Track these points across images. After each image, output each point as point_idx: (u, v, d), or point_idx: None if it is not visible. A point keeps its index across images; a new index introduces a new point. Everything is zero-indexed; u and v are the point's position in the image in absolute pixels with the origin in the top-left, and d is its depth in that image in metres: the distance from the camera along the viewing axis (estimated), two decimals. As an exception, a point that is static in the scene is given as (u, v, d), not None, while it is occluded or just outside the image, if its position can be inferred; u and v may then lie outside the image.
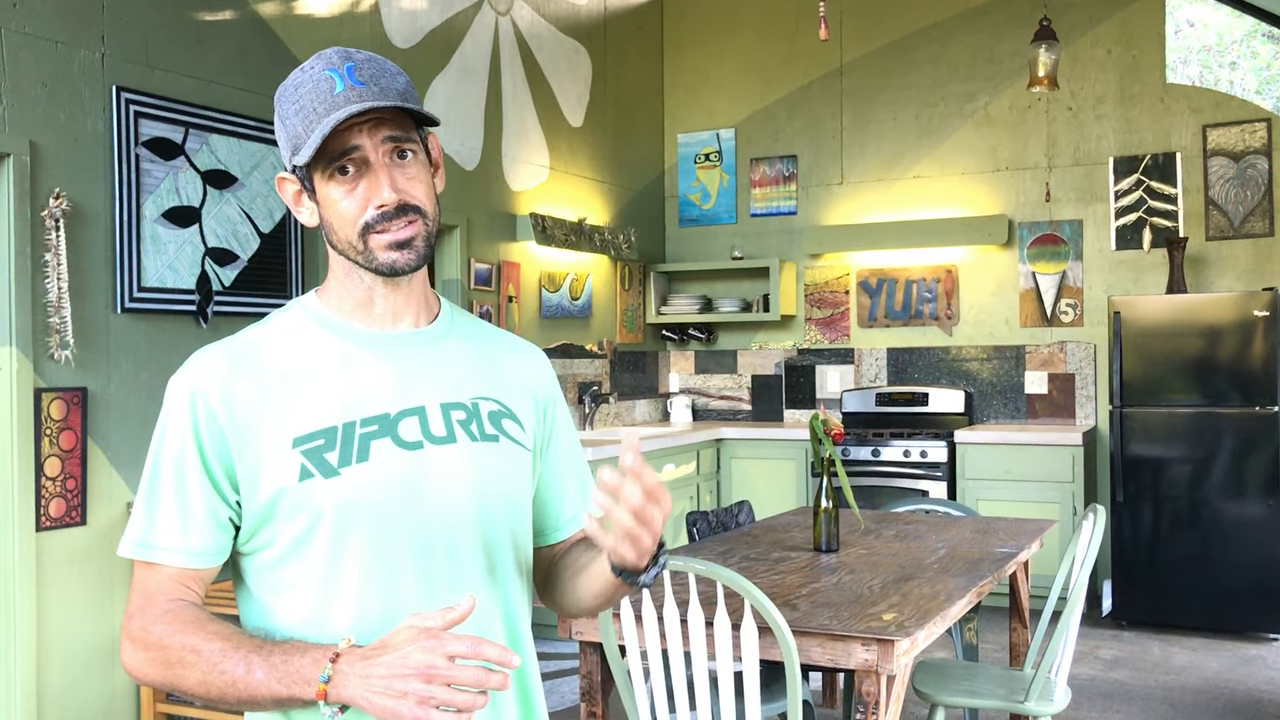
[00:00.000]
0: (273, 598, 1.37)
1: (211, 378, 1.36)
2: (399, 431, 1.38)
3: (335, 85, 1.35)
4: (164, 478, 1.36)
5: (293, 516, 1.33)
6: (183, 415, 1.36)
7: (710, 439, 6.84)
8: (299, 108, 1.36)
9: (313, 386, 1.38)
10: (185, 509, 1.34)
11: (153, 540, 1.35)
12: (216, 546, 1.36)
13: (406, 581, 1.36)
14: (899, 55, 7.06)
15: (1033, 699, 3.19)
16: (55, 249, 3.73)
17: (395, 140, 1.37)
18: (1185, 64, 6.38)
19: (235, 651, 1.25)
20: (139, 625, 1.32)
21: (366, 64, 1.39)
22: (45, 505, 3.72)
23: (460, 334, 1.52)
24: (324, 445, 1.34)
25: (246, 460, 1.34)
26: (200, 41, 4.30)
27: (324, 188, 1.38)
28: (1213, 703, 4.64)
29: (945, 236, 6.79)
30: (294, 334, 1.43)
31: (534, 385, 1.56)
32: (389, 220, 1.36)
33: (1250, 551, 5.59)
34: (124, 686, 3.98)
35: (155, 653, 1.30)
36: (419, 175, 1.40)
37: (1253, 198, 6.20)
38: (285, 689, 1.23)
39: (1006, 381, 6.78)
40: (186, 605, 1.33)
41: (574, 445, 1.62)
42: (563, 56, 6.63)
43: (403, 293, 1.45)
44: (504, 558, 1.45)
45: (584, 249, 6.56)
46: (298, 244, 4.66)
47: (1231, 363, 5.66)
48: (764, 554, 3.52)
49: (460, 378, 1.47)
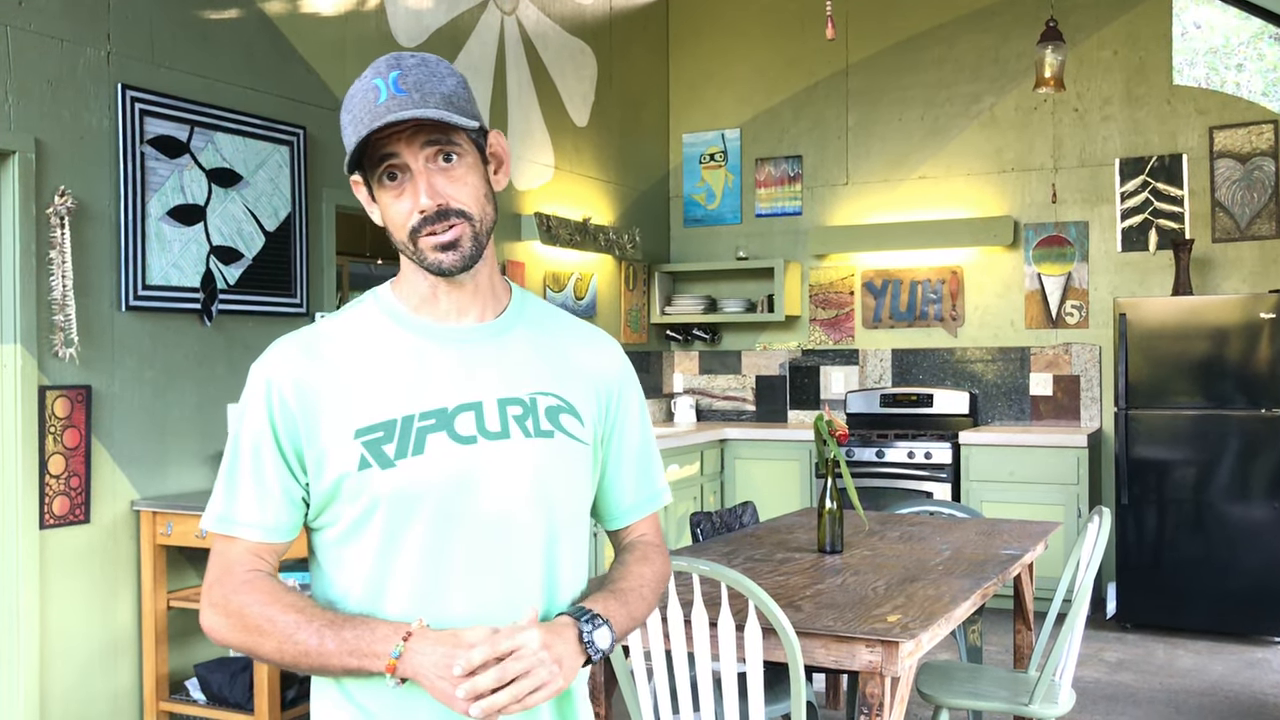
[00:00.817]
0: (336, 572, 1.45)
1: (286, 368, 1.45)
2: (455, 426, 1.44)
3: (379, 95, 1.40)
4: (242, 459, 1.45)
5: (353, 501, 1.42)
6: (259, 402, 1.44)
7: (714, 439, 6.83)
8: (351, 117, 1.44)
9: (376, 379, 1.45)
10: (262, 488, 1.43)
11: (233, 516, 1.44)
12: (290, 522, 1.45)
13: (456, 572, 1.42)
14: (905, 56, 7.05)
15: (1037, 701, 3.18)
16: (60, 246, 3.73)
17: (436, 144, 1.42)
18: (1192, 66, 6.36)
19: (309, 624, 1.36)
20: (220, 594, 1.42)
21: (413, 70, 1.42)
22: (49, 503, 3.72)
23: (527, 325, 1.55)
24: (383, 437, 1.41)
25: (314, 446, 1.42)
26: (206, 39, 4.30)
27: (378, 193, 1.46)
28: (1217, 705, 4.63)
29: (950, 237, 6.78)
30: (364, 326, 1.50)
31: (600, 376, 1.58)
32: (431, 224, 1.42)
33: (1256, 554, 5.57)
34: (127, 684, 3.98)
35: (235, 619, 1.40)
36: (464, 177, 1.44)
37: (1259, 200, 6.18)
38: (355, 661, 1.34)
39: (1011, 383, 6.77)
40: (264, 576, 1.43)
41: (640, 435, 1.64)
42: (568, 56, 6.62)
43: (466, 289, 1.50)
44: (555, 553, 1.50)
45: (588, 249, 6.55)
46: (303, 242, 4.66)
47: (1237, 365, 5.64)
48: (768, 555, 3.52)
49: (520, 372, 1.50)
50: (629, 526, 1.65)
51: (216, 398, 4.31)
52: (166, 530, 3.93)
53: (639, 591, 1.55)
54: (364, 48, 5.06)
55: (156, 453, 4.09)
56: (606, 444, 1.59)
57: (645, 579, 1.58)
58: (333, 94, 4.88)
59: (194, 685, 4.02)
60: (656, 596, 1.60)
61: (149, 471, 4.06)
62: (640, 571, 1.58)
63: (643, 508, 1.65)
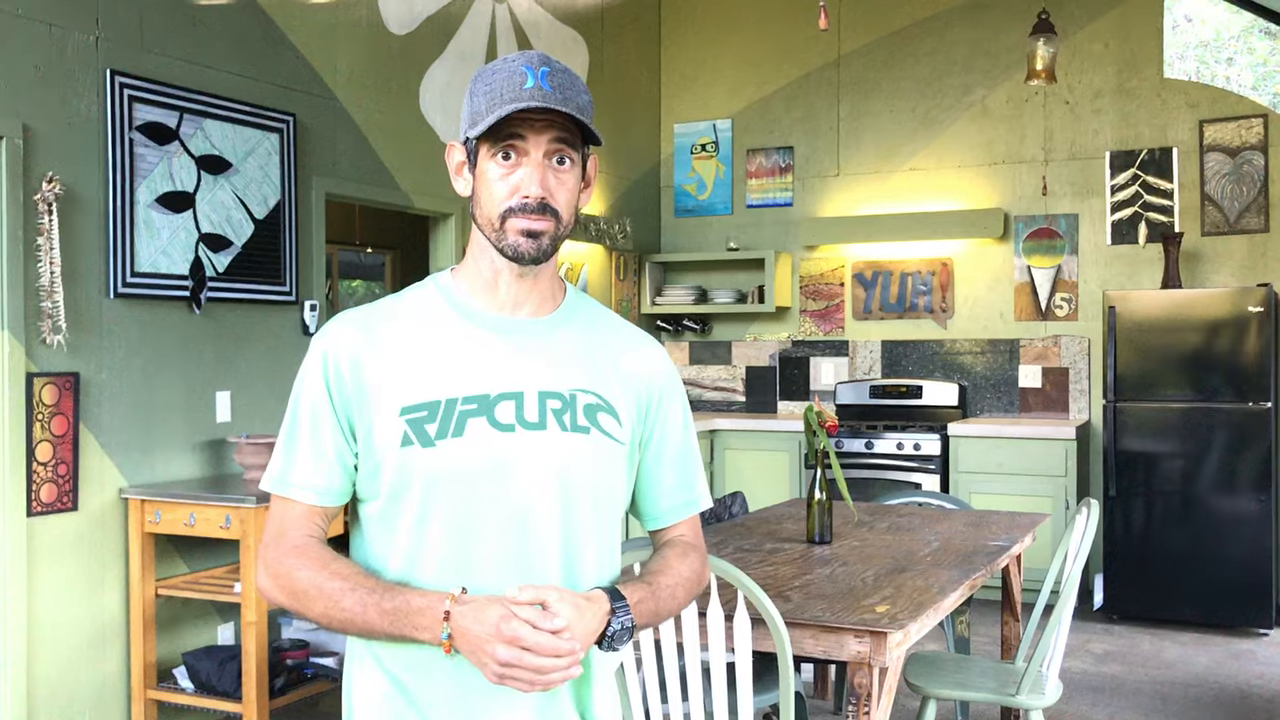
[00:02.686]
0: (376, 543, 1.53)
1: (343, 343, 1.52)
2: (495, 413, 1.50)
3: (526, 80, 1.47)
4: (301, 424, 1.53)
5: (394, 476, 1.49)
6: (316, 373, 1.53)
7: (704, 430, 6.84)
8: (489, 88, 1.48)
9: (426, 360, 1.52)
10: (318, 451, 1.52)
11: (290, 478, 1.53)
12: (342, 488, 1.53)
13: (481, 551, 1.49)
14: (897, 47, 7.05)
15: (1024, 692, 3.19)
16: (48, 233, 3.71)
17: (559, 144, 1.49)
18: (1182, 59, 6.37)
19: (353, 592, 1.44)
20: (273, 555, 1.51)
21: (560, 74, 1.50)
22: (36, 490, 3.70)
23: (577, 325, 1.62)
24: (426, 417, 1.48)
25: (363, 420, 1.50)
26: (195, 25, 4.28)
27: (485, 164, 1.51)
28: (1203, 696, 4.66)
29: (941, 229, 6.79)
30: (422, 308, 1.57)
31: (643, 380, 1.64)
32: (529, 213, 1.48)
33: (1242, 547, 5.60)
34: (115, 672, 3.97)
35: (284, 582, 1.49)
36: (568, 183, 1.52)
37: (1248, 193, 6.20)
38: (397, 629, 1.42)
39: (1000, 375, 6.78)
40: (314, 542, 1.51)
41: (682, 439, 1.69)
42: (559, 44, 6.60)
43: (527, 282, 1.56)
44: (582, 545, 1.55)
45: (579, 239, 6.54)
46: (292, 230, 4.64)
47: (1225, 358, 5.66)
48: (757, 545, 3.52)
49: (564, 369, 1.56)
50: (667, 528, 1.70)
51: (205, 385, 4.30)
52: (155, 518, 3.92)
53: (672, 590, 1.60)
54: (354, 34, 5.04)
55: (145, 440, 4.07)
56: (645, 446, 1.65)
57: (681, 576, 1.63)
58: (323, 81, 4.86)
59: (182, 673, 4.01)
60: (689, 597, 1.65)
61: (137, 459, 4.04)
62: (678, 569, 1.64)
63: (681, 510, 1.70)
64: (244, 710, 3.79)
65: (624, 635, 1.48)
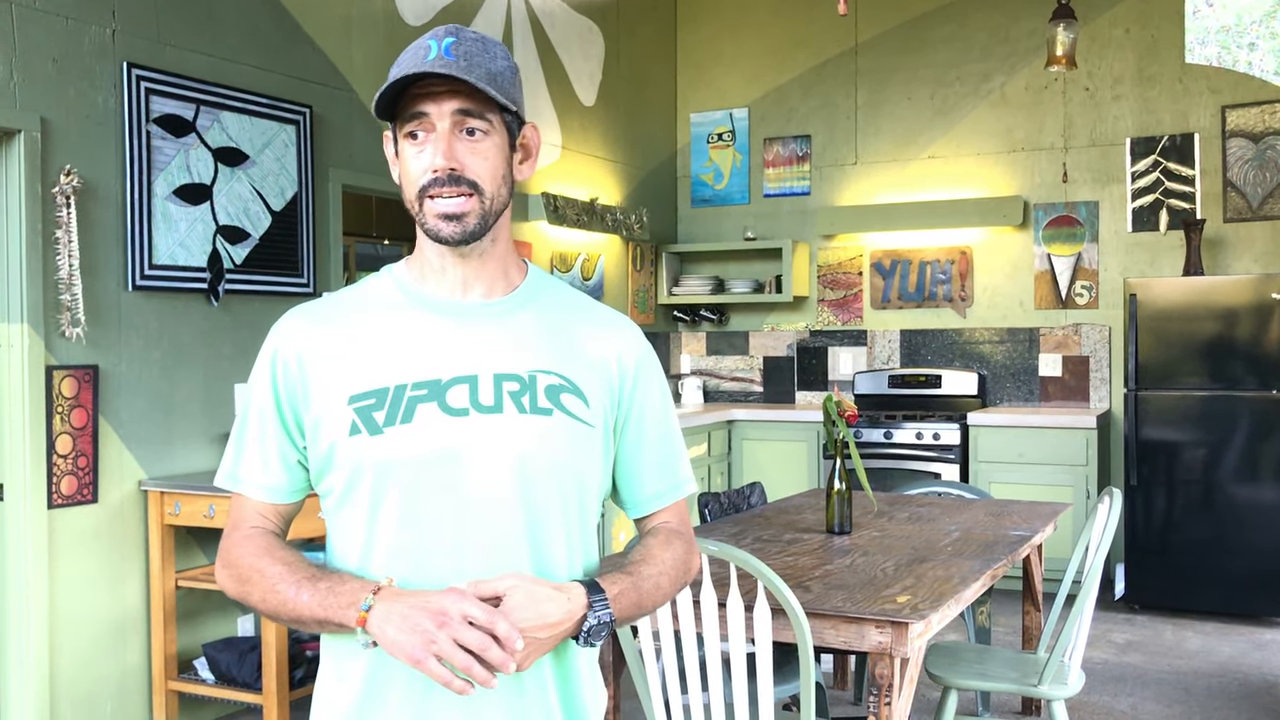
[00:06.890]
0: (336, 538, 1.50)
1: (290, 338, 1.51)
2: (447, 398, 1.45)
3: (429, 53, 1.42)
4: (250, 423, 1.53)
5: (344, 466, 1.46)
6: (265, 371, 1.52)
7: (721, 420, 6.82)
8: (397, 68, 1.44)
9: (375, 347, 1.48)
10: (263, 450, 1.51)
11: (238, 474, 1.53)
12: (290, 485, 1.52)
13: (438, 542, 1.43)
14: (915, 34, 7.00)
15: (1046, 682, 3.17)
16: (66, 226, 3.72)
17: (465, 114, 1.43)
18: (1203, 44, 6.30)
19: (290, 576, 1.42)
20: (225, 546, 1.51)
21: (470, 43, 1.44)
22: (57, 483, 3.72)
23: (537, 307, 1.55)
24: (374, 404, 1.44)
25: (311, 412, 1.48)
26: (211, 18, 4.28)
27: (401, 146, 1.48)
28: (1226, 687, 4.62)
29: (960, 218, 6.74)
30: (373, 296, 1.55)
31: (612, 361, 1.55)
32: (441, 187, 1.43)
33: (1265, 536, 5.55)
34: (135, 663, 3.99)
35: (233, 570, 1.48)
36: (486, 154, 1.45)
37: (1272, 179, 6.14)
38: (325, 613, 1.38)
39: (1020, 364, 6.74)
40: (262, 532, 1.50)
41: (660, 422, 1.60)
42: (575, 35, 6.58)
43: (473, 263, 1.51)
44: (549, 534, 1.47)
45: (596, 229, 6.53)
46: (309, 222, 4.64)
47: (1248, 346, 5.61)
48: (776, 535, 3.51)
49: (522, 350, 1.50)
50: (651, 515, 1.62)
51: (223, 377, 4.31)
52: (174, 510, 3.93)
53: (655, 580, 1.51)
54: (370, 26, 5.04)
55: (164, 432, 4.09)
56: (622, 430, 1.56)
57: (665, 565, 1.54)
58: (339, 73, 4.85)
59: (202, 664, 4.03)
60: (675, 586, 1.56)
61: (156, 451, 4.06)
62: (662, 557, 1.55)
63: (664, 496, 1.61)
64: (264, 701, 3.80)
65: (601, 630, 1.42)
